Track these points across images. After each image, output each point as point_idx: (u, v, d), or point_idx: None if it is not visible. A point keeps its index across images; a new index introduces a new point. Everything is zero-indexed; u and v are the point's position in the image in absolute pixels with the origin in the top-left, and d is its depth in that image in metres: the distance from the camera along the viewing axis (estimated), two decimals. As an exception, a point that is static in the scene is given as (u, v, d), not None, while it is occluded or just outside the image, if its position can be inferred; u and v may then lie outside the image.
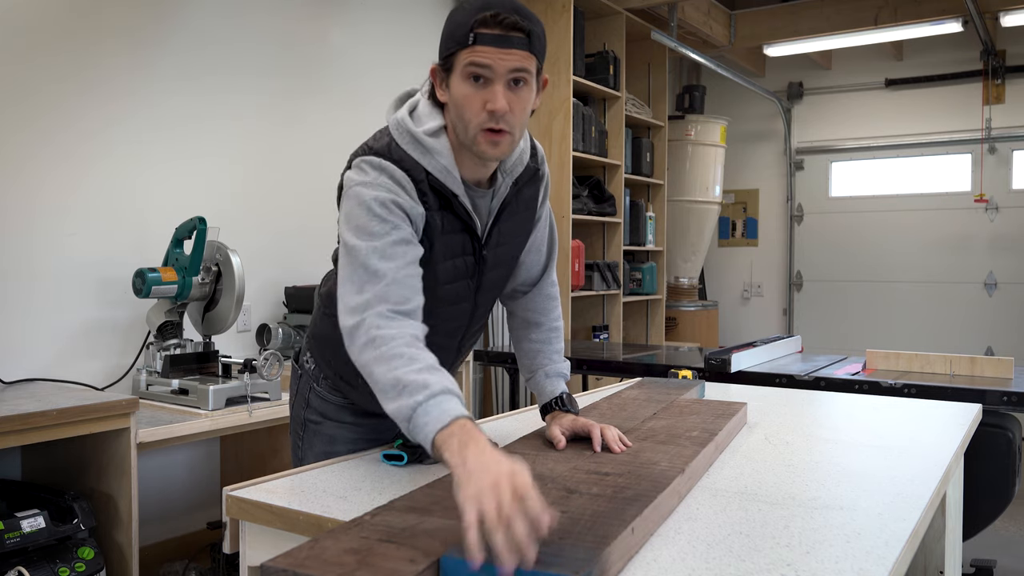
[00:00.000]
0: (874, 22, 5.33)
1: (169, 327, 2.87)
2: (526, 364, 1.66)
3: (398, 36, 4.27)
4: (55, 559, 2.28)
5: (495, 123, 1.31)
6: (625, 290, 5.48)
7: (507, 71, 1.30)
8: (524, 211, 1.54)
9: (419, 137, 1.37)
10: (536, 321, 1.66)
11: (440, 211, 1.40)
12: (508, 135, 1.34)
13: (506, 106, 1.30)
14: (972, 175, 6.13)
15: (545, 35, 1.35)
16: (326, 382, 1.67)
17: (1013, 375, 2.93)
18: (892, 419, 1.98)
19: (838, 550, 1.06)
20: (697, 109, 6.38)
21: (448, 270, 1.45)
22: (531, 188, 1.54)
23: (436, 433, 1.13)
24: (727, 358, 3.09)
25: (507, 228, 1.51)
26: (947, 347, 6.05)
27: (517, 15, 1.29)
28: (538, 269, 1.66)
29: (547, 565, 0.89)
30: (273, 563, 0.91)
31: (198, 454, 3.39)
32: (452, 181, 1.39)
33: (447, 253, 1.43)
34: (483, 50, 1.28)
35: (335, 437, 1.66)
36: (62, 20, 2.91)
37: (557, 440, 1.46)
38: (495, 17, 1.27)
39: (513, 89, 1.31)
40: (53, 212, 2.89)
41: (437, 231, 1.40)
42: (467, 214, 1.43)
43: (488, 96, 1.30)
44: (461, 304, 1.52)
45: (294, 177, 3.74)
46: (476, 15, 1.28)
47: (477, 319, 1.60)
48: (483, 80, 1.30)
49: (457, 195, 1.40)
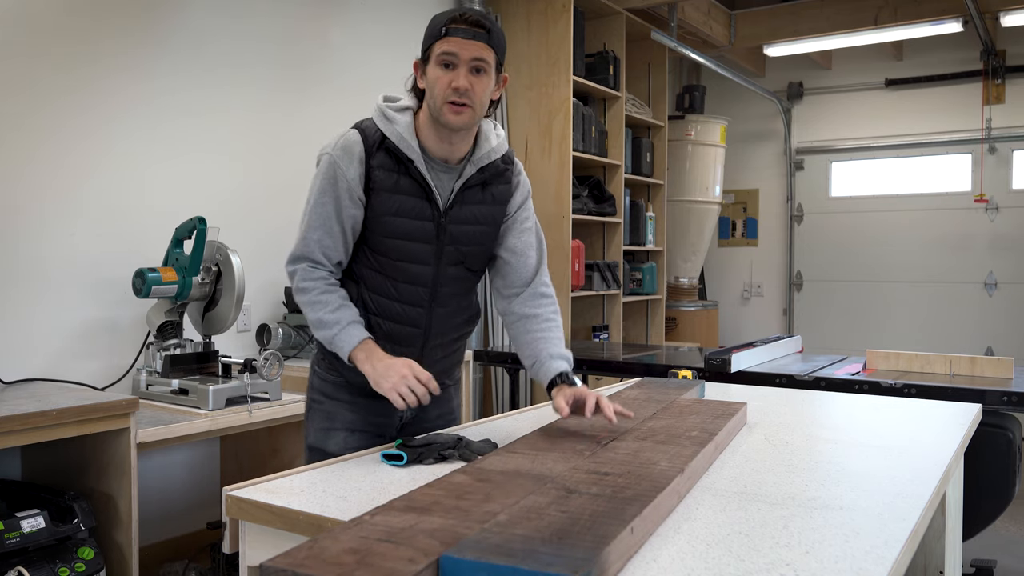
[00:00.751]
0: (874, 22, 5.33)
1: (169, 327, 2.87)
2: (528, 354, 1.80)
3: (398, 35, 4.27)
4: (55, 559, 2.28)
5: (458, 97, 1.64)
6: (625, 290, 5.48)
7: (470, 58, 1.64)
8: (492, 203, 1.81)
9: (384, 110, 1.74)
10: (532, 314, 1.83)
11: (396, 173, 1.72)
12: (469, 108, 1.66)
13: (468, 85, 1.64)
14: (972, 175, 6.13)
15: (504, 40, 1.71)
16: (324, 362, 1.88)
17: (1013, 375, 2.93)
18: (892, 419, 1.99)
19: (837, 550, 1.06)
20: (697, 109, 6.38)
21: (402, 226, 1.73)
22: (500, 186, 1.82)
23: (350, 351, 1.69)
24: (727, 358, 3.09)
25: (470, 211, 1.78)
26: (947, 347, 6.04)
27: (481, 17, 1.66)
28: (529, 272, 1.85)
29: (547, 565, 0.89)
30: (272, 563, 0.91)
31: (198, 454, 3.39)
32: (407, 148, 1.71)
33: (401, 211, 1.72)
34: (452, 40, 1.63)
35: (332, 414, 1.85)
36: (61, 19, 2.91)
37: (561, 409, 1.66)
38: (463, 16, 1.65)
39: (475, 75, 1.65)
40: (53, 212, 2.90)
41: (387, 187, 1.71)
42: (423, 179, 1.72)
43: (453, 77, 1.64)
44: (422, 266, 1.77)
45: (294, 177, 3.74)
46: (449, 15, 1.66)
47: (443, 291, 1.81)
48: (451, 66, 1.65)
49: (412, 160, 1.71)
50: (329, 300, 1.72)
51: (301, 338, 3.47)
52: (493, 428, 1.87)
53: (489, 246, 1.84)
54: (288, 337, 3.45)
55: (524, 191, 1.87)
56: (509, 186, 1.84)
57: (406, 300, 1.78)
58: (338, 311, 1.71)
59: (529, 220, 1.88)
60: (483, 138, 1.79)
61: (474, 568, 0.90)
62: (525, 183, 1.88)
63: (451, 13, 1.67)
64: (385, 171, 1.71)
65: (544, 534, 0.99)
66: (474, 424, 1.95)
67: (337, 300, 1.73)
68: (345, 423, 1.83)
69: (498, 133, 1.83)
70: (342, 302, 1.73)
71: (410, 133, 1.71)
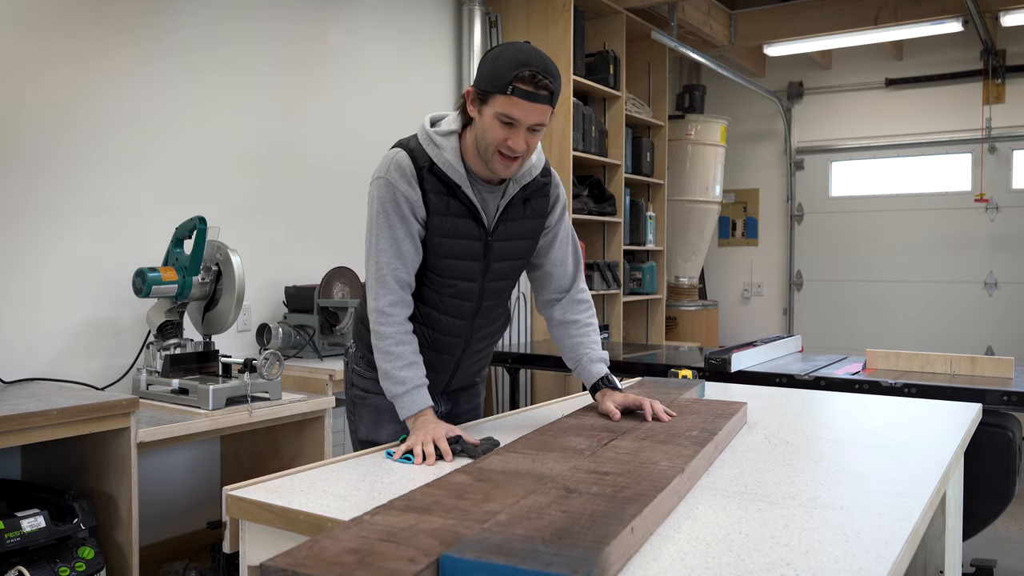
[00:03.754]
0: (874, 22, 5.33)
1: (169, 327, 2.87)
2: (570, 357, 1.93)
3: (400, 35, 4.27)
4: (55, 559, 2.28)
5: (511, 154, 1.68)
6: (625, 290, 5.48)
7: (531, 124, 1.65)
8: (532, 218, 1.86)
9: (431, 135, 1.75)
10: (572, 320, 1.94)
11: (446, 195, 1.75)
12: (519, 160, 1.71)
13: (524, 146, 1.67)
14: (972, 175, 6.13)
15: (561, 85, 1.70)
16: (363, 360, 1.96)
17: (1013, 375, 2.93)
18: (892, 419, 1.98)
19: (837, 549, 1.06)
20: (697, 109, 6.38)
21: (453, 247, 1.77)
22: (540, 201, 1.86)
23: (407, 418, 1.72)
24: (727, 358, 3.09)
25: (514, 227, 1.83)
26: (947, 347, 6.04)
27: (547, 76, 1.62)
28: (567, 280, 1.96)
29: (547, 565, 0.89)
30: (272, 563, 0.91)
31: (198, 454, 3.39)
32: (455, 173, 1.73)
33: (452, 232, 1.76)
34: (516, 103, 1.61)
35: (379, 407, 1.91)
36: (64, 18, 2.91)
37: (612, 413, 1.76)
38: (532, 77, 1.60)
39: (531, 133, 1.67)
40: (53, 212, 2.89)
41: (440, 210, 1.74)
42: (470, 202, 1.75)
43: (511, 136, 1.65)
44: (469, 283, 1.82)
45: (294, 177, 3.74)
46: (516, 69, 1.60)
47: (486, 304, 1.88)
48: (511, 125, 1.64)
49: (459, 185, 1.73)
50: (402, 353, 1.74)
51: (301, 338, 3.47)
52: (494, 427, 1.87)
53: (529, 258, 1.92)
54: (288, 337, 3.45)
55: (561, 203, 1.92)
56: (548, 199, 1.88)
57: (452, 313, 1.85)
58: (407, 368, 1.73)
59: (567, 229, 1.95)
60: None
61: (474, 568, 0.90)
62: (562, 194, 1.93)
63: (518, 64, 1.61)
64: (437, 194, 1.74)
65: (544, 534, 0.99)
66: (475, 423, 1.95)
67: (409, 355, 1.75)
68: (392, 414, 1.86)
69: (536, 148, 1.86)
70: (414, 358, 1.75)
71: (456, 159, 1.73)
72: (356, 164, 3.94)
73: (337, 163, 3.93)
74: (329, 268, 3.57)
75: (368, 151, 3.99)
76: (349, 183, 3.93)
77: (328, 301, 3.48)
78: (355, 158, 3.95)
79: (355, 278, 3.61)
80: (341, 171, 3.93)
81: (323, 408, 2.98)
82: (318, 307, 3.48)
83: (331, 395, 3.08)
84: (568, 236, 1.96)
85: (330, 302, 3.48)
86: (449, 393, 2.04)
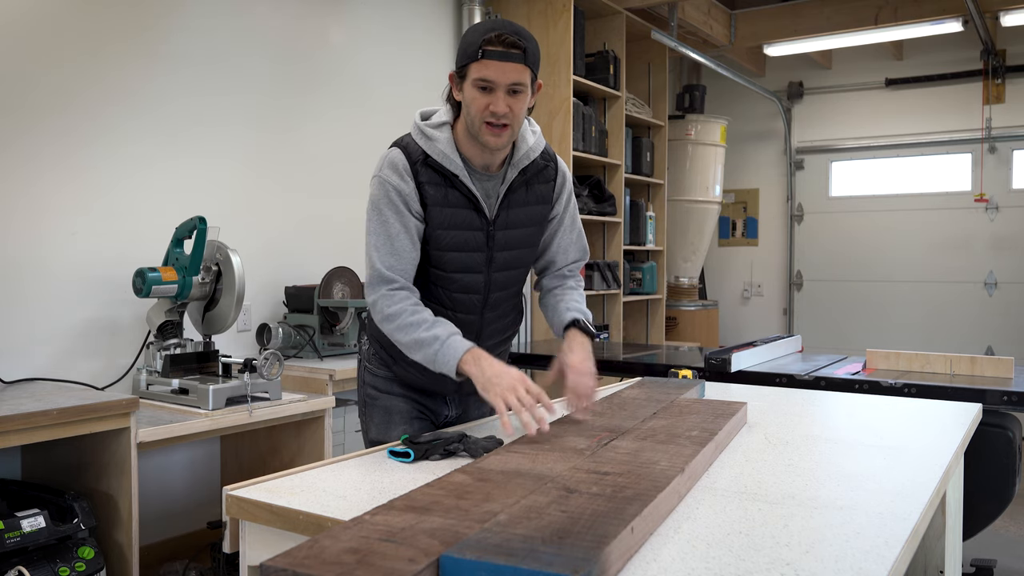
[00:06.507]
0: (874, 22, 5.33)
1: (169, 327, 2.87)
2: (550, 315, 1.93)
3: (399, 36, 4.27)
4: (55, 559, 2.28)
5: (496, 120, 1.66)
6: (625, 290, 5.48)
7: (507, 83, 1.64)
8: (535, 204, 1.84)
9: (423, 129, 1.75)
10: (557, 284, 1.96)
11: (444, 187, 1.74)
12: (508, 128, 1.68)
13: (506, 109, 1.65)
14: (972, 175, 6.13)
15: (539, 50, 1.70)
16: (376, 358, 1.94)
17: (1013, 375, 2.93)
18: (892, 419, 1.98)
19: (837, 549, 1.06)
20: (697, 109, 6.37)
21: (455, 239, 1.76)
22: (542, 186, 1.85)
23: (457, 363, 1.62)
24: (727, 358, 3.09)
25: (516, 215, 1.81)
26: (947, 347, 6.04)
27: (516, 36, 1.63)
28: (564, 259, 1.96)
29: (547, 565, 0.89)
30: (272, 562, 0.91)
31: (198, 454, 3.39)
32: (450, 163, 1.73)
33: (452, 223, 1.75)
34: (488, 64, 1.62)
35: (390, 408, 1.92)
36: (64, 21, 2.91)
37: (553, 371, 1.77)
38: (499, 37, 1.62)
39: (512, 96, 1.66)
40: (54, 212, 2.89)
41: (439, 201, 1.73)
42: (469, 191, 1.74)
43: (491, 101, 1.65)
44: (474, 275, 1.80)
45: (294, 177, 3.74)
46: (484, 35, 1.63)
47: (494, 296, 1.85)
48: (488, 90, 1.65)
49: (456, 175, 1.73)
50: (422, 319, 1.69)
51: (301, 338, 3.47)
52: (495, 426, 1.87)
53: (536, 245, 1.90)
54: (288, 337, 3.45)
55: (568, 188, 1.91)
56: (551, 185, 1.87)
57: (460, 309, 1.82)
58: (433, 328, 1.68)
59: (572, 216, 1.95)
60: (520, 139, 1.81)
61: (474, 568, 0.90)
62: (567, 177, 1.91)
63: (485, 31, 1.63)
64: (434, 186, 1.73)
65: (544, 534, 0.99)
66: (475, 423, 1.95)
67: (429, 317, 1.70)
68: (403, 414, 1.89)
69: (534, 130, 1.85)
70: (435, 318, 1.70)
71: (451, 148, 1.72)
72: (356, 164, 3.94)
73: (337, 163, 3.93)
74: (329, 268, 3.57)
75: (368, 151, 3.98)
76: (349, 183, 3.93)
77: (328, 301, 3.48)
78: (355, 158, 3.95)
79: (355, 278, 3.61)
80: (341, 171, 3.93)
81: (323, 408, 2.98)
82: (318, 307, 3.48)
83: (331, 395, 3.08)
84: (574, 223, 1.95)
85: (330, 302, 3.48)
86: (462, 396, 1.98)
